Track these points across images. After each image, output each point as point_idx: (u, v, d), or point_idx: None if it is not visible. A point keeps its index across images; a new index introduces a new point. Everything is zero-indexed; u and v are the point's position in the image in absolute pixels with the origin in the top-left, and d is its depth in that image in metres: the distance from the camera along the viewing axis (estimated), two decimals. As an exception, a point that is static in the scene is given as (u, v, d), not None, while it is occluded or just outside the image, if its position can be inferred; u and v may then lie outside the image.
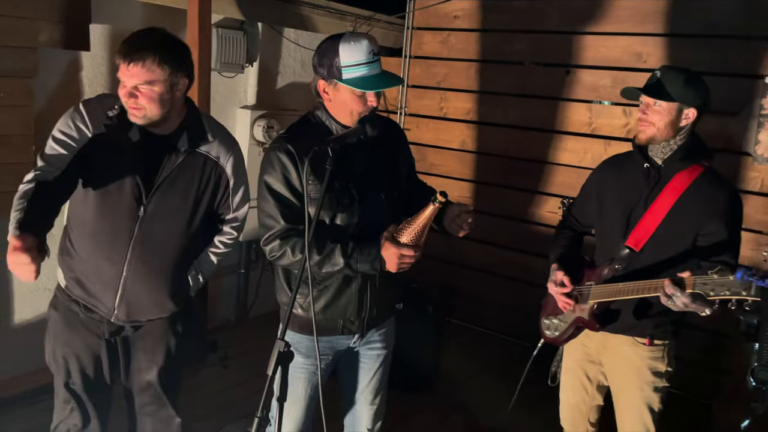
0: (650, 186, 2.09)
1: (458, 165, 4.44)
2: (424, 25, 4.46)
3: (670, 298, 1.84)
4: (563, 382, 2.43)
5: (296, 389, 2.03)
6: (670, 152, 2.06)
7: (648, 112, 2.02)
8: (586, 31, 3.85)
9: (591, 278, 2.21)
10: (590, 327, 2.20)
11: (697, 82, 2.04)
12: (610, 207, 2.21)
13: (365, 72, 1.78)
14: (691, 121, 2.03)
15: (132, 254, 1.94)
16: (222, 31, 3.72)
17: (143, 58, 1.75)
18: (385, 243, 1.85)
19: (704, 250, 2.03)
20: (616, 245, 2.14)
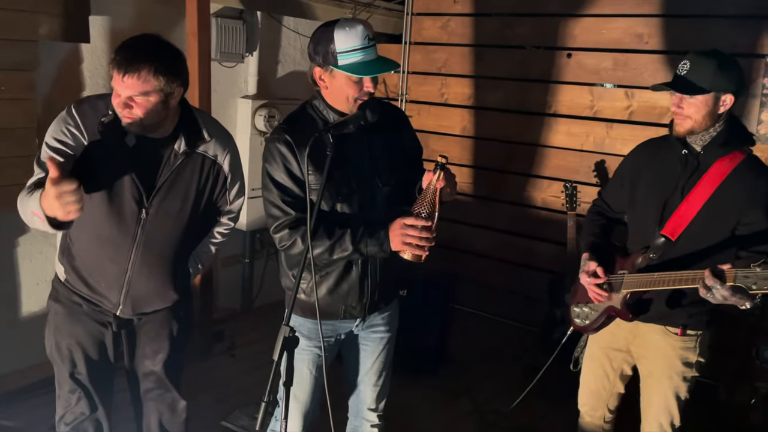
0: (688, 173, 2.02)
1: (460, 150, 4.44)
2: (424, 11, 4.45)
3: (710, 290, 1.79)
4: (585, 367, 2.39)
5: (300, 371, 2.05)
6: (710, 139, 1.98)
7: (683, 105, 1.95)
8: (586, 13, 3.83)
9: (623, 266, 2.16)
10: (623, 317, 2.15)
11: (730, 65, 1.94)
12: (645, 194, 2.14)
13: (361, 57, 1.78)
14: (728, 107, 1.95)
15: (136, 255, 1.97)
16: (221, 21, 3.71)
17: (138, 70, 1.73)
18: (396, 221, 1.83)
19: (744, 240, 1.97)
20: (650, 233, 2.08)
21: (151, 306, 2.07)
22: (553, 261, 3.92)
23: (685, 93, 1.93)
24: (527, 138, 4.15)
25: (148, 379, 2.19)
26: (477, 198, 4.42)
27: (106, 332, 2.07)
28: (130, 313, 2.04)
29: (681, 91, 1.93)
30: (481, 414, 3.29)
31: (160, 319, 2.13)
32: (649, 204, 2.11)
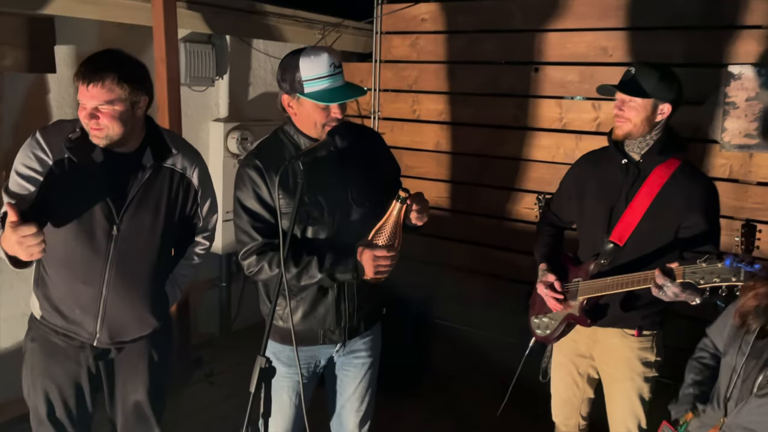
0: (630, 181, 2.12)
1: (434, 166, 4.47)
2: (393, 30, 4.48)
3: (661, 289, 1.88)
4: (554, 377, 2.45)
5: (280, 398, 2.05)
6: (647, 147, 2.10)
7: (624, 108, 2.06)
8: (551, 28, 3.90)
9: (577, 275, 2.24)
10: (581, 323, 2.23)
11: (671, 77, 2.08)
12: (591, 203, 2.24)
13: (327, 85, 1.80)
14: (666, 116, 2.08)
15: (110, 275, 1.93)
16: (190, 46, 3.71)
17: (102, 78, 1.76)
18: (359, 249, 1.87)
19: (686, 241, 2.07)
20: (599, 241, 2.17)
21: (129, 333, 2.03)
22: (530, 272, 3.87)
23: (628, 94, 2.04)
24: (500, 151, 4.19)
25: (131, 416, 2.13)
26: (453, 212, 4.44)
27: (83, 372, 2.03)
28: (107, 340, 1.99)
29: (625, 91, 2.05)
30: (465, 430, 3.29)
31: (139, 350, 2.09)
32: (596, 213, 2.20)
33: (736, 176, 3.41)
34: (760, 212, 3.34)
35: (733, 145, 3.36)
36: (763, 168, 3.33)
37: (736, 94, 3.31)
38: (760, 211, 3.34)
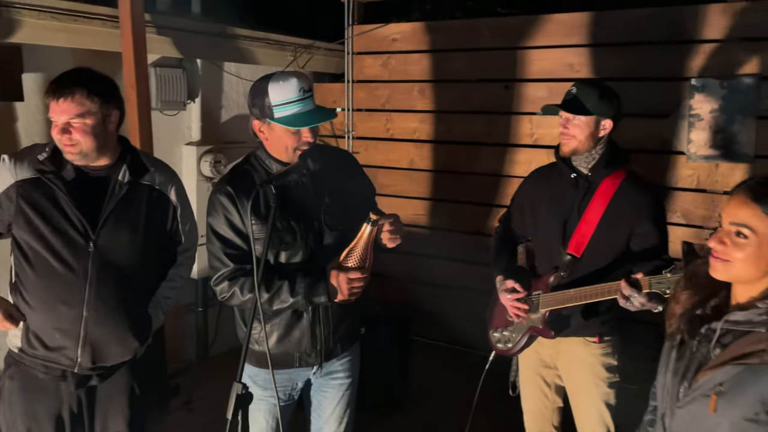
0: (581, 194, 2.20)
1: (409, 184, 4.49)
2: (364, 50, 4.52)
3: (628, 300, 1.92)
4: (523, 391, 2.48)
5: (257, 422, 2.05)
6: (593, 161, 2.18)
7: (569, 126, 2.15)
8: (519, 46, 3.97)
9: (537, 287, 2.28)
10: (545, 335, 2.26)
11: (611, 94, 2.17)
12: (545, 217, 2.30)
13: (297, 109, 1.81)
14: (608, 131, 2.16)
15: (89, 293, 1.91)
16: (160, 70, 3.69)
17: (72, 92, 1.79)
18: (332, 272, 1.87)
19: (639, 247, 2.16)
20: (556, 253, 2.23)
21: (110, 356, 1.99)
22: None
23: (571, 113, 2.12)
24: (474, 168, 4.23)
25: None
26: (430, 229, 4.47)
27: (65, 409, 1.98)
28: (88, 365, 1.95)
29: (568, 110, 2.13)
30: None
31: (120, 383, 2.05)
32: (550, 226, 2.26)
33: (703, 186, 3.49)
34: (728, 221, 3.41)
35: (699, 156, 3.44)
36: (728, 177, 3.41)
37: (700, 106, 3.40)
38: (728, 220, 3.41)
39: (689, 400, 1.37)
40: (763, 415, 1.26)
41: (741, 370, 1.28)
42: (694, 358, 1.40)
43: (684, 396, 1.39)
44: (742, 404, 1.28)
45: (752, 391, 1.27)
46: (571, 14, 3.79)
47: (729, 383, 1.30)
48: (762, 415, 1.26)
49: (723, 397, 1.29)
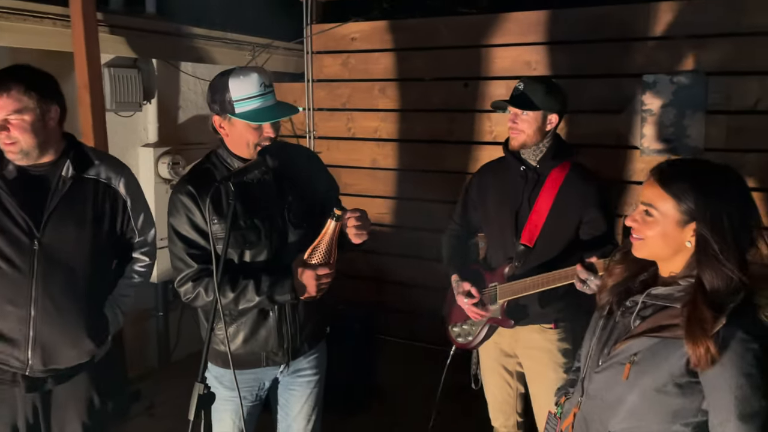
0: (531, 186, 2.28)
1: (372, 183, 4.50)
2: (323, 49, 4.51)
3: (585, 283, 1.97)
4: (486, 382, 2.53)
5: (224, 422, 2.03)
6: (541, 154, 2.26)
7: (517, 121, 2.23)
8: (477, 44, 4.02)
9: (493, 279, 2.33)
10: (505, 325, 2.32)
11: (556, 90, 2.26)
12: (496, 211, 2.36)
13: (258, 104, 1.79)
14: (554, 125, 2.25)
15: (37, 292, 1.86)
16: (114, 71, 3.61)
17: (8, 89, 1.77)
18: (298, 270, 1.85)
19: (589, 235, 2.25)
20: (510, 245, 2.30)
21: (64, 357, 1.93)
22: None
23: (519, 108, 2.19)
24: (436, 166, 4.26)
25: None
26: (395, 228, 4.48)
27: (20, 418, 1.92)
28: (40, 367, 1.89)
29: (517, 106, 2.20)
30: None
31: (77, 392, 2.00)
32: (502, 218, 2.33)
33: (657, 179, 3.58)
34: (681, 212, 3.51)
35: (652, 150, 3.54)
36: (680, 170, 3.52)
37: (652, 101, 3.50)
38: (681, 212, 3.52)
39: (606, 366, 1.44)
40: (671, 386, 1.32)
41: (655, 342, 1.35)
42: (617, 328, 1.46)
43: (603, 362, 1.46)
44: (653, 375, 1.34)
45: (663, 363, 1.33)
46: (528, 12, 3.85)
47: (643, 354, 1.36)
48: (669, 386, 1.32)
49: (636, 366, 1.35)
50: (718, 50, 3.37)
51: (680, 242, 1.36)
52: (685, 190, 1.34)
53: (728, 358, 1.26)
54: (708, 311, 1.26)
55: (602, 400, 1.45)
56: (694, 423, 1.34)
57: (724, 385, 1.27)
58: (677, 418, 1.34)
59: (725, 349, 1.26)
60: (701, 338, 1.25)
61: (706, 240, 1.31)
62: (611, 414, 1.42)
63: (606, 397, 1.44)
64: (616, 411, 1.41)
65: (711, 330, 1.25)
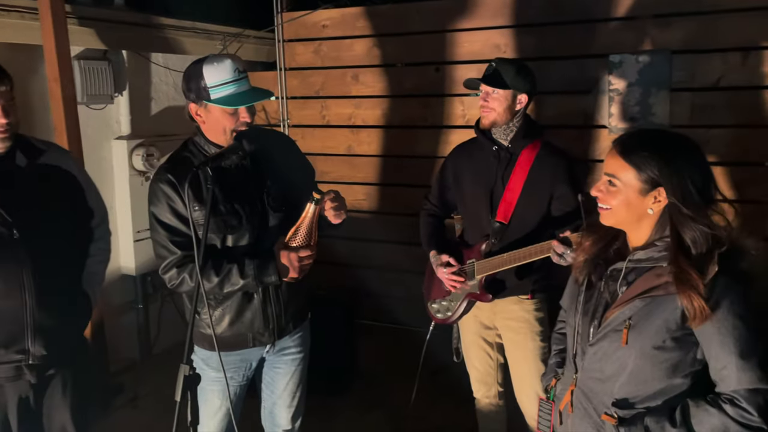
0: (504, 165, 2.35)
1: (348, 170, 4.53)
2: (295, 37, 4.51)
3: (561, 256, 2.06)
4: (467, 355, 2.60)
5: (212, 402, 2.08)
6: (512, 133, 2.33)
7: (489, 100, 2.29)
8: (447, 29, 4.06)
9: (470, 256, 2.40)
10: (483, 299, 2.40)
11: (526, 71, 2.32)
12: (471, 189, 2.43)
13: (233, 90, 1.82)
14: (524, 105, 2.31)
15: (26, 279, 1.88)
16: (84, 63, 3.58)
17: None
18: (281, 252, 1.90)
19: (560, 211, 2.33)
20: (485, 222, 2.37)
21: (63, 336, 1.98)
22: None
23: (490, 86, 2.26)
24: (411, 151, 4.31)
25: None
26: (371, 213, 4.52)
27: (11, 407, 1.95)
28: (42, 351, 1.92)
29: (488, 84, 2.27)
30: (395, 422, 3.36)
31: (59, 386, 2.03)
32: (477, 197, 2.40)
33: (625, 157, 3.67)
34: (649, 188, 3.62)
35: (619, 129, 3.63)
36: (648, 148, 3.62)
37: (618, 81, 3.58)
38: (649, 188, 3.62)
39: (600, 337, 1.49)
40: (669, 341, 1.39)
41: (648, 302, 1.41)
42: (602, 298, 1.52)
43: (595, 334, 1.51)
44: (650, 334, 1.40)
45: (659, 320, 1.40)
46: (497, -4, 3.90)
47: (637, 316, 1.42)
48: (668, 341, 1.39)
49: (633, 329, 1.42)
50: (681, 29, 3.46)
51: (643, 209, 1.43)
52: (645, 158, 1.41)
53: (723, 304, 1.34)
54: (691, 267, 1.34)
55: (601, 371, 1.49)
56: (692, 373, 1.42)
57: (721, 329, 1.34)
58: (677, 372, 1.41)
59: (717, 297, 1.34)
60: (693, 294, 1.32)
61: (676, 205, 1.38)
62: (613, 382, 1.47)
63: (605, 368, 1.48)
64: (617, 378, 1.46)
65: (701, 283, 1.32)
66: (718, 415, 1.34)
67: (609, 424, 1.45)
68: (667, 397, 1.42)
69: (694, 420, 1.36)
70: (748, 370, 1.33)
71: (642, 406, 1.44)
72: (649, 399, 1.43)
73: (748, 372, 1.33)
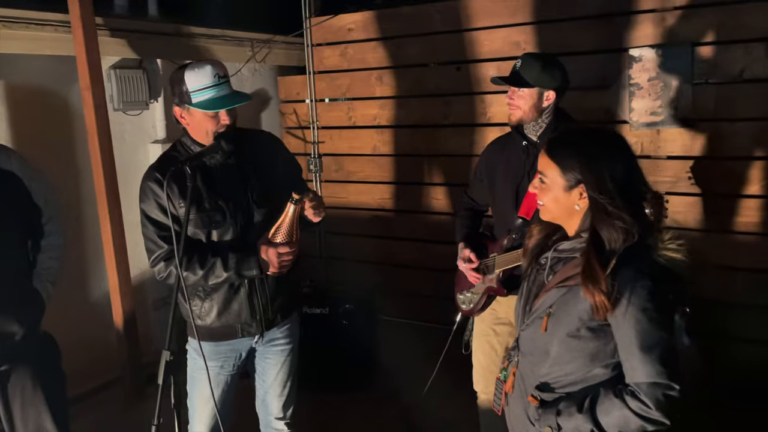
0: (531, 160, 2.33)
1: (375, 169, 4.62)
2: (323, 41, 4.64)
3: None
4: (474, 347, 2.63)
5: (204, 391, 2.17)
6: (541, 129, 2.32)
7: (514, 98, 2.30)
8: (467, 28, 4.08)
9: (494, 251, 2.43)
10: (500, 293, 2.42)
11: (553, 66, 2.29)
12: (500, 184, 2.44)
13: (213, 94, 1.94)
14: (552, 101, 2.29)
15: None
16: (120, 72, 3.81)
17: None
18: (262, 247, 2.00)
19: None
20: (510, 217, 2.37)
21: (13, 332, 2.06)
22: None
23: (514, 85, 2.26)
24: (434, 149, 4.36)
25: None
26: (397, 212, 4.59)
27: None
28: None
29: (511, 83, 2.27)
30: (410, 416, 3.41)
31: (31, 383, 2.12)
32: (505, 192, 2.39)
33: (647, 153, 3.60)
34: (672, 184, 3.53)
35: (641, 124, 3.55)
36: (670, 143, 3.53)
37: (639, 75, 3.51)
38: (672, 183, 3.53)
39: (529, 323, 1.54)
40: (584, 330, 1.41)
41: (564, 292, 1.44)
42: (534, 285, 1.56)
43: (526, 319, 1.55)
44: (566, 322, 1.43)
45: (573, 309, 1.42)
46: (515, -7, 3.90)
47: (556, 305, 1.46)
48: (583, 330, 1.41)
49: (552, 317, 1.45)
50: (702, 20, 3.36)
51: (570, 205, 1.47)
52: (568, 157, 1.45)
53: (625, 297, 1.36)
54: (596, 261, 1.37)
55: (532, 354, 1.56)
56: (613, 364, 1.44)
57: (624, 322, 1.37)
58: (596, 361, 1.44)
59: (619, 291, 1.36)
60: (594, 286, 1.35)
61: (596, 200, 1.41)
62: (540, 367, 1.53)
63: (534, 352, 1.55)
64: (543, 363, 1.52)
65: (602, 277, 1.35)
66: (620, 406, 1.37)
67: (532, 405, 1.50)
68: (588, 384, 1.45)
69: (600, 408, 1.39)
70: (648, 364, 1.35)
71: (562, 391, 1.48)
72: (570, 385, 1.47)
73: (647, 366, 1.35)
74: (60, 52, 3.34)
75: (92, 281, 3.76)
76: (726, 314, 3.39)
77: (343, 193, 4.75)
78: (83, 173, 3.61)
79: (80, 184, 3.64)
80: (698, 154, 3.47)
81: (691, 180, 3.48)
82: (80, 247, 3.67)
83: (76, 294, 3.68)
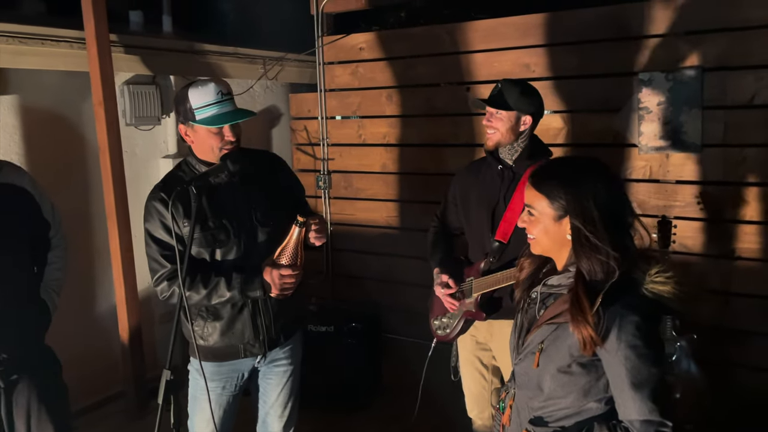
0: (507, 184, 2.36)
1: (383, 187, 4.63)
2: (334, 60, 4.68)
3: None
4: (463, 374, 2.62)
5: (205, 411, 2.17)
6: (516, 153, 2.34)
7: (492, 120, 2.32)
8: (477, 49, 4.10)
9: (470, 274, 2.43)
10: (478, 318, 2.42)
11: (531, 93, 2.34)
12: (475, 208, 2.45)
13: (216, 111, 1.96)
14: (528, 126, 2.32)
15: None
16: (134, 87, 3.87)
17: None
18: (266, 269, 2.01)
19: None
20: (487, 241, 2.38)
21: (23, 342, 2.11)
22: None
23: (493, 107, 2.29)
24: (443, 169, 4.36)
25: None
26: (403, 230, 4.59)
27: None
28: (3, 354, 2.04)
29: (491, 105, 2.30)
30: None
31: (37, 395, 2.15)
32: (480, 216, 2.41)
33: (655, 177, 3.58)
34: (681, 209, 3.51)
35: (650, 148, 3.54)
36: (678, 167, 3.51)
37: (648, 99, 3.50)
38: (681, 208, 3.51)
39: (522, 357, 1.53)
40: (575, 366, 1.40)
41: (555, 328, 1.43)
42: (527, 319, 1.54)
43: (519, 354, 1.54)
44: (557, 358, 1.42)
45: (563, 345, 1.41)
46: (526, 16, 3.91)
47: (547, 341, 1.45)
48: (574, 366, 1.40)
49: (543, 353, 1.44)
50: (713, 46, 3.35)
51: (561, 236, 1.46)
52: (554, 187, 1.44)
53: (613, 333, 1.35)
54: (584, 296, 1.36)
55: (527, 388, 1.55)
56: (606, 398, 1.43)
57: (614, 359, 1.36)
58: (589, 395, 1.43)
59: (607, 327, 1.35)
60: (582, 322, 1.34)
61: (579, 229, 1.40)
62: (534, 400, 1.52)
63: (528, 385, 1.54)
64: (537, 397, 1.51)
65: (588, 313, 1.34)
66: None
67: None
68: (582, 418, 1.43)
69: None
70: (639, 401, 1.33)
71: (557, 425, 1.46)
72: (564, 419, 1.45)
73: (639, 403, 1.33)
74: (74, 68, 3.39)
75: (99, 294, 3.79)
76: (737, 340, 3.35)
77: (351, 209, 4.76)
78: (93, 186, 3.65)
79: (90, 197, 3.68)
80: (707, 179, 3.45)
81: (700, 205, 3.45)
82: (88, 260, 3.70)
83: (83, 306, 3.71)
